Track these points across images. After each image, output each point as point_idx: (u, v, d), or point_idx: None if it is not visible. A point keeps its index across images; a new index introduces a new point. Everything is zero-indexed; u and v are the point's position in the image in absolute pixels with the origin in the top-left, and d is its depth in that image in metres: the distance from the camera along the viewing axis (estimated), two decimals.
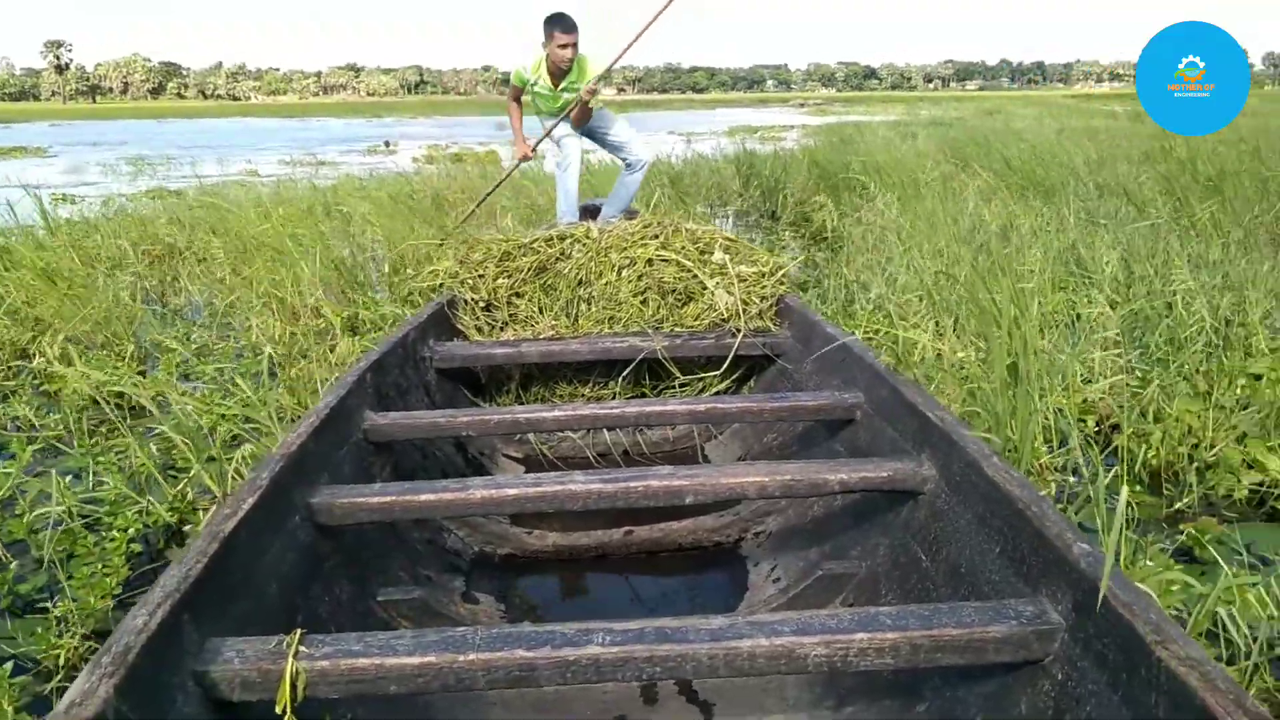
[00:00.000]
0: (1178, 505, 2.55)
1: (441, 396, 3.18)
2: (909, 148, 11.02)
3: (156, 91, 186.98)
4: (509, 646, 1.38)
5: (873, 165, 8.18)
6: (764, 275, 3.47)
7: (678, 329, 3.38)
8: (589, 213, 5.31)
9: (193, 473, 2.58)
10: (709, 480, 2.02)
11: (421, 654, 1.37)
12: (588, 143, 5.30)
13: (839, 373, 2.74)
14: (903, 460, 2.05)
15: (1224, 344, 3.26)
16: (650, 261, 3.50)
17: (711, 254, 3.51)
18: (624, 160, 5.34)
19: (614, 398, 3.46)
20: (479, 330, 3.47)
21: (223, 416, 2.91)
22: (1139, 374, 3.09)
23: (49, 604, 2.08)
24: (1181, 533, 2.32)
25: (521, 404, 3.45)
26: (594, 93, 4.90)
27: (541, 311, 3.51)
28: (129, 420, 3.24)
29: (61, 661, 1.87)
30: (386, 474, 2.46)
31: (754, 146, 12.62)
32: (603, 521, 2.62)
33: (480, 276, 3.57)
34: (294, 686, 1.33)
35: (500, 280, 3.54)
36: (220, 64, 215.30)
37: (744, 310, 3.33)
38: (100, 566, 2.09)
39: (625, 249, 3.56)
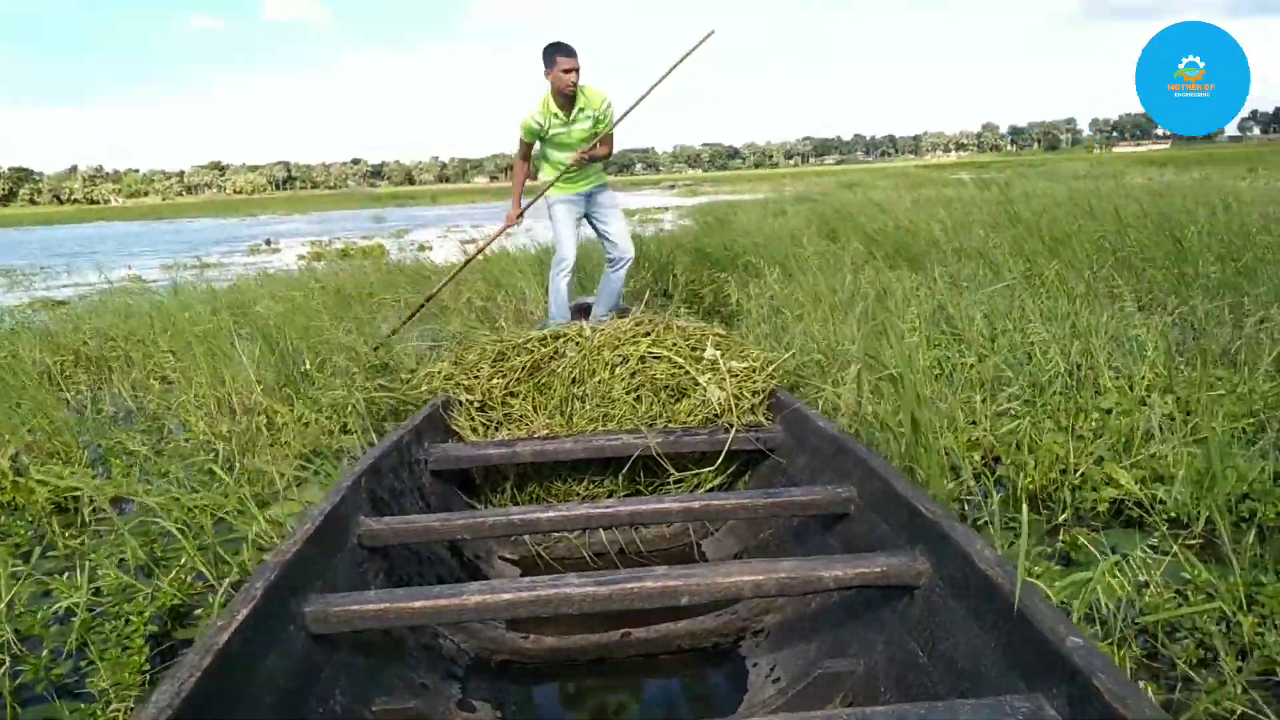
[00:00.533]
0: (1055, 521, 3.00)
1: (436, 499, 3.16)
2: (781, 224, 11.73)
3: (7, 198, 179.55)
4: None
5: (750, 245, 8.71)
6: (755, 370, 3.49)
7: (671, 425, 3.35)
8: (581, 311, 5.47)
9: (184, 560, 2.77)
10: (705, 580, 1.99)
11: None
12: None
13: (831, 466, 2.76)
14: (897, 555, 2.05)
15: (1077, 384, 3.78)
16: (643, 359, 3.52)
17: (703, 350, 3.55)
18: (608, 254, 5.52)
19: (608, 495, 3.43)
20: (474, 431, 3.45)
21: (191, 509, 3.09)
22: (1011, 414, 3.57)
23: (79, 685, 2.24)
24: (1061, 541, 2.77)
25: (516, 504, 3.43)
26: (596, 151, 5.27)
27: (536, 410, 3.50)
28: (92, 523, 3.38)
29: None
30: (381, 580, 2.43)
31: (635, 230, 13.17)
32: (600, 624, 2.55)
33: (475, 377, 3.60)
34: None
35: (495, 380, 3.57)
36: (75, 167, 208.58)
37: (736, 405, 3.31)
38: (121, 651, 2.27)
39: (618, 347, 3.59)
